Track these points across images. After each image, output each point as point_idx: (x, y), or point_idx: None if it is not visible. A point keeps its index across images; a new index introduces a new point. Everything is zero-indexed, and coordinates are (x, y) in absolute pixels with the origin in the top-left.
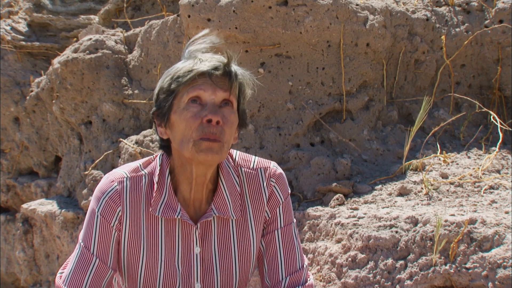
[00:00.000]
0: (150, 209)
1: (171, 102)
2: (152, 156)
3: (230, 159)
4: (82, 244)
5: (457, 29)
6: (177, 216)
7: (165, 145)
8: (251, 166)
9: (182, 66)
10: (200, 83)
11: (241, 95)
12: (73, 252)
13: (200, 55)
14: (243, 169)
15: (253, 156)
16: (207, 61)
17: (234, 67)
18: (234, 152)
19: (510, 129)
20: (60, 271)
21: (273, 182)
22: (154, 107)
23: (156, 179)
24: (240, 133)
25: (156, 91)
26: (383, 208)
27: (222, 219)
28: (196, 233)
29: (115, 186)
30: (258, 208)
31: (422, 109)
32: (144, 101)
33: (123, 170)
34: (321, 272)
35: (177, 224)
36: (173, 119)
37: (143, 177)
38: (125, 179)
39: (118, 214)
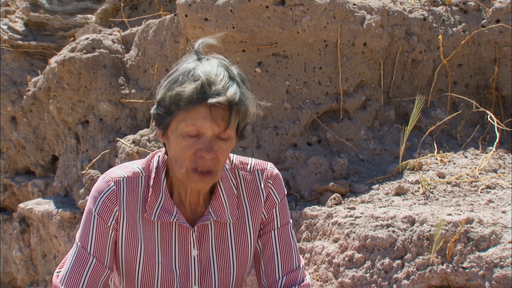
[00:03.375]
0: (145, 214)
1: (170, 121)
2: (149, 156)
3: (228, 162)
4: (79, 243)
5: (454, 29)
6: (173, 220)
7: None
8: (248, 168)
9: (184, 88)
10: (199, 114)
11: (242, 122)
12: (70, 252)
13: (205, 73)
14: (240, 172)
15: (250, 158)
16: (212, 92)
17: (239, 96)
18: (231, 155)
19: (507, 128)
20: (57, 270)
21: (270, 183)
22: (155, 110)
23: (151, 182)
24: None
25: (158, 96)
26: (380, 207)
27: (219, 222)
28: (193, 236)
29: (112, 186)
30: (255, 209)
31: (415, 108)
32: (141, 101)
33: (120, 171)
34: (318, 271)
35: (173, 227)
36: (169, 135)
37: (140, 178)
38: (122, 179)
39: (115, 213)
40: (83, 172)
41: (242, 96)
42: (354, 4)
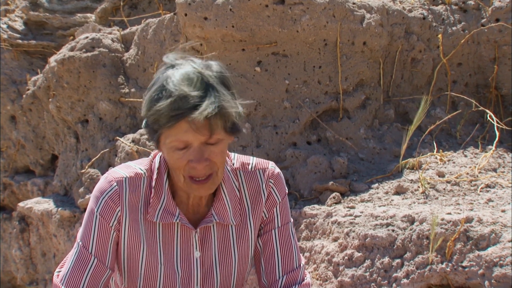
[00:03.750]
0: (148, 216)
1: (158, 137)
2: (151, 155)
3: (229, 163)
4: (80, 243)
5: (454, 28)
6: (176, 221)
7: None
8: (250, 168)
9: (161, 106)
10: (181, 128)
11: (227, 122)
12: (71, 251)
13: (176, 86)
14: (241, 172)
15: (251, 157)
16: (188, 108)
17: (215, 103)
18: (232, 155)
19: (507, 127)
20: (57, 270)
21: (271, 182)
22: (144, 125)
23: (153, 183)
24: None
25: (142, 113)
26: (380, 206)
27: (222, 224)
28: (195, 237)
29: (115, 186)
30: (256, 209)
31: (421, 108)
32: (141, 100)
33: (122, 171)
34: (317, 270)
35: (175, 228)
36: (162, 148)
37: (142, 179)
38: (124, 179)
39: (117, 214)
40: (83, 171)
41: (220, 103)
42: (353, 3)
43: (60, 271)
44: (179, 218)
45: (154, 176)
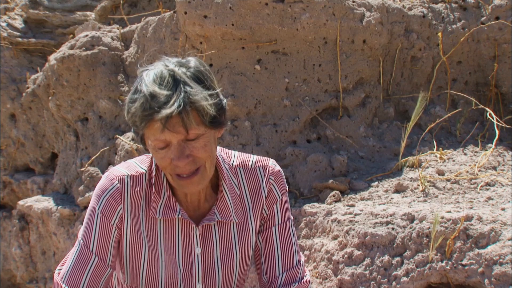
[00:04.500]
0: (150, 212)
1: (143, 138)
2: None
3: (227, 161)
4: (81, 241)
5: (454, 26)
6: (178, 216)
7: None
8: (250, 165)
9: (136, 108)
10: (156, 128)
11: (204, 116)
12: (72, 249)
13: (147, 87)
14: (241, 169)
15: (251, 155)
16: (157, 106)
17: (183, 99)
18: (232, 153)
19: (507, 126)
20: (58, 267)
21: (271, 179)
22: (132, 130)
23: (153, 180)
24: (237, 129)
25: (125, 115)
26: (380, 204)
27: (223, 222)
28: (196, 233)
29: (116, 184)
30: (257, 206)
31: (418, 104)
32: None
33: (124, 168)
34: (317, 268)
35: (177, 224)
36: (148, 149)
37: (144, 176)
38: (126, 177)
39: (118, 212)
40: (83, 169)
41: (190, 97)
42: (353, 1)
43: (61, 269)
44: (180, 214)
45: (153, 173)
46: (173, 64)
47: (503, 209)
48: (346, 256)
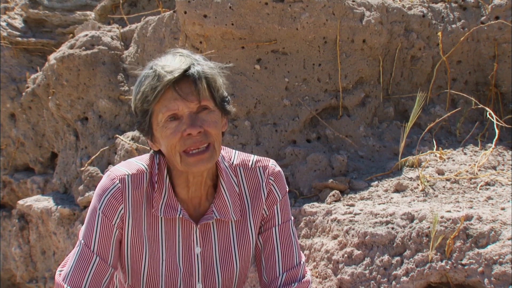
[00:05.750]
0: (152, 210)
1: (150, 121)
2: (151, 152)
3: (229, 160)
4: (82, 241)
5: (453, 26)
6: (179, 215)
7: (158, 151)
8: (250, 165)
9: (146, 84)
10: (169, 98)
11: (214, 91)
12: (73, 250)
13: (159, 64)
14: (241, 168)
15: (251, 155)
16: (168, 73)
17: (196, 67)
18: (232, 152)
19: (506, 125)
20: (59, 268)
21: (271, 180)
22: (136, 123)
23: (155, 179)
24: (237, 128)
25: (132, 106)
26: (379, 204)
27: (222, 220)
28: (196, 232)
29: (117, 183)
30: (257, 206)
31: (416, 104)
32: None
33: (124, 168)
34: (317, 268)
35: (177, 223)
36: (156, 135)
37: (144, 175)
38: (127, 176)
39: (120, 212)
40: (82, 168)
41: (203, 66)
42: (353, 1)
43: (62, 270)
44: (181, 213)
45: (155, 172)
46: (184, 52)
47: (503, 209)
48: (346, 255)
